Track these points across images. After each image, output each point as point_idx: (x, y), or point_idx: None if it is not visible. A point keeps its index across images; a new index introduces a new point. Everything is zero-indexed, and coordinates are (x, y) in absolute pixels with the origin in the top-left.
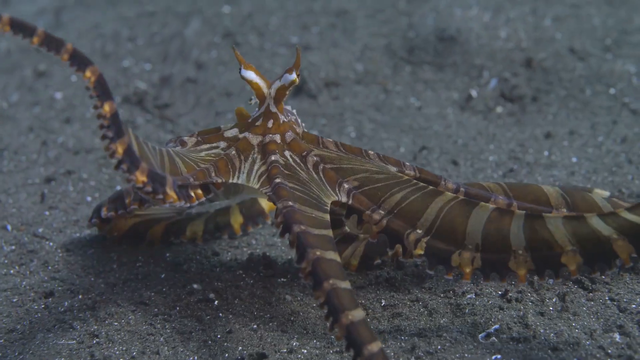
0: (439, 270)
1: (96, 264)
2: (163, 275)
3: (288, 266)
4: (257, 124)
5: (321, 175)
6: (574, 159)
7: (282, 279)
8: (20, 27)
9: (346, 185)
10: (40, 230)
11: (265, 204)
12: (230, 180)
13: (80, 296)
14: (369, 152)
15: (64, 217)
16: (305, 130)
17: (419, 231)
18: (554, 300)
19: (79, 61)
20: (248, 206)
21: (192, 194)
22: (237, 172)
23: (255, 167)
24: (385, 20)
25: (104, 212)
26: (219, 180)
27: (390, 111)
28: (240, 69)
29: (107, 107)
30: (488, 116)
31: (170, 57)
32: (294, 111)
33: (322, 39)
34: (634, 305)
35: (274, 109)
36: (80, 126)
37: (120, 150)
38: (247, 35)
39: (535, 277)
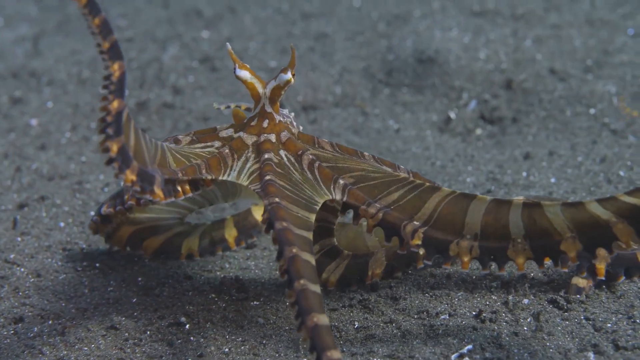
0: (436, 259)
1: (67, 289)
2: (135, 300)
3: (261, 289)
4: (252, 123)
5: (316, 173)
6: (553, 180)
7: (255, 302)
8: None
9: (341, 182)
10: (12, 256)
11: (259, 215)
12: (220, 178)
13: (50, 321)
14: (364, 153)
15: (36, 243)
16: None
17: (416, 223)
18: (528, 320)
19: (114, 52)
20: (242, 218)
21: (179, 189)
22: (228, 170)
23: (248, 165)
24: (364, 43)
25: (103, 209)
26: (209, 177)
27: (369, 134)
28: (234, 69)
29: (115, 104)
30: (467, 138)
31: (147, 82)
32: (292, 115)
33: (301, 62)
34: (609, 325)
35: (269, 109)
36: (55, 152)
37: (115, 148)
38: (225, 60)
39: (510, 297)
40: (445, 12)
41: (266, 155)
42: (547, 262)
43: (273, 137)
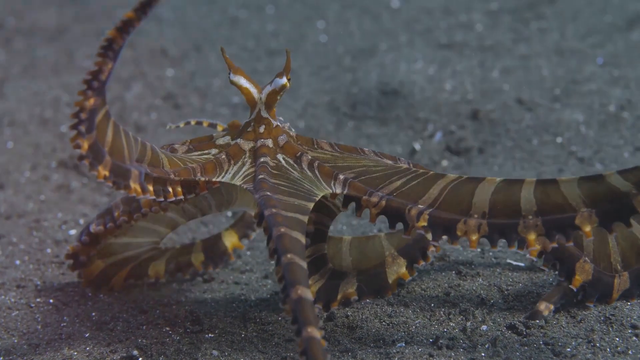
0: (443, 240)
1: (20, 326)
2: (87, 334)
3: (217, 321)
4: (248, 129)
5: (316, 172)
6: None
7: (209, 335)
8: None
9: (342, 176)
10: None
11: (228, 242)
12: (214, 179)
13: (1, 358)
14: (364, 149)
15: None
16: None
17: (421, 206)
18: (486, 346)
19: (112, 52)
20: (211, 243)
21: (170, 190)
22: (223, 173)
23: (244, 169)
24: (329, 77)
25: (92, 227)
26: (203, 179)
27: None
28: (229, 74)
29: (92, 101)
30: (433, 170)
31: None
32: (288, 124)
33: None
34: (568, 349)
35: (265, 114)
36: (14, 191)
37: (86, 146)
38: (189, 97)
39: (469, 323)
40: (412, 45)
41: (262, 159)
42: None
43: (270, 142)
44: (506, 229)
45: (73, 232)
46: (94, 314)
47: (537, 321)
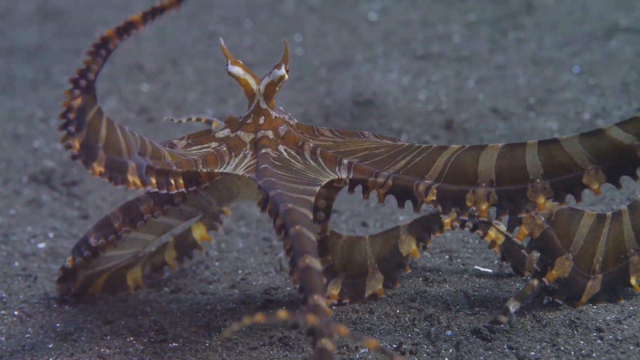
0: (453, 212)
1: None
2: (51, 345)
3: (181, 331)
4: (248, 121)
5: (320, 160)
6: None
7: (173, 344)
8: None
9: (346, 161)
10: None
11: (197, 234)
12: (216, 170)
13: None
14: (364, 132)
15: None
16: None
17: (428, 181)
18: (450, 351)
19: (105, 51)
20: (182, 238)
21: (172, 182)
22: (225, 165)
23: (245, 161)
24: (304, 89)
25: (92, 241)
26: (205, 171)
27: None
28: (227, 65)
29: (79, 101)
30: None
31: None
32: (289, 114)
33: (238, 110)
34: (532, 353)
35: (264, 105)
36: None
37: (77, 145)
38: (163, 110)
39: (433, 329)
40: (388, 56)
41: (263, 150)
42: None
43: (270, 134)
44: (515, 195)
45: (42, 245)
46: (58, 325)
47: (502, 326)
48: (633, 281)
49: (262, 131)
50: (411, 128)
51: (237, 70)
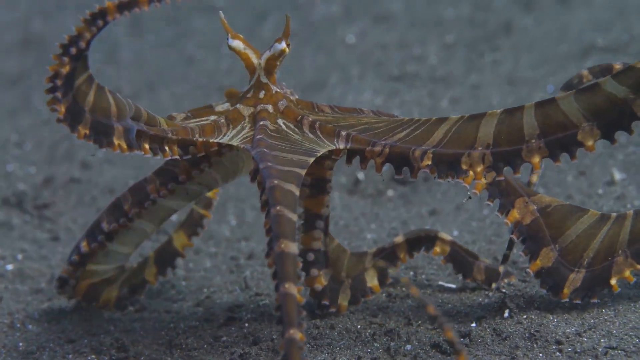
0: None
1: None
2: None
3: (142, 348)
4: (248, 95)
5: (318, 132)
6: (455, 232)
7: None
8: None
9: (344, 133)
10: None
11: (178, 243)
12: (212, 140)
13: None
14: (363, 109)
15: None
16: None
17: (425, 147)
18: None
19: (101, 22)
20: (162, 251)
21: (167, 149)
22: (222, 136)
23: (243, 133)
24: None
25: (105, 226)
26: (201, 140)
27: None
28: (227, 39)
29: (67, 68)
30: (378, 200)
31: (56, 159)
32: (291, 90)
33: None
34: None
35: (264, 79)
36: None
37: (63, 109)
38: None
39: (392, 344)
40: (362, 78)
41: (261, 122)
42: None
43: (270, 108)
44: (510, 156)
45: (10, 267)
46: (21, 344)
47: (462, 339)
48: (613, 281)
49: (262, 105)
50: None
51: (238, 44)
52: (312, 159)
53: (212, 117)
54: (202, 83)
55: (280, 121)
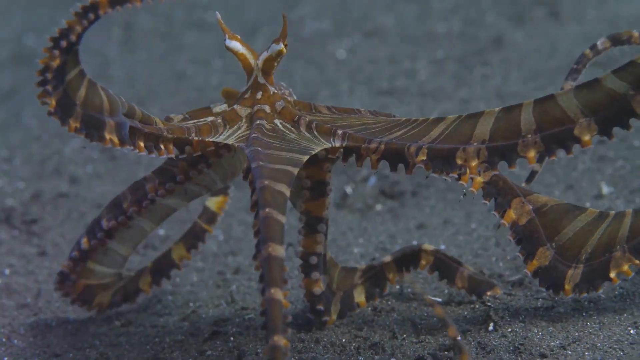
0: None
1: None
2: None
3: None
4: (245, 96)
5: (315, 132)
6: (442, 246)
7: None
8: None
9: (340, 131)
10: None
11: (176, 255)
12: (208, 139)
13: None
14: (360, 109)
15: None
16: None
17: (420, 143)
18: None
19: (93, 15)
20: (159, 261)
21: (162, 147)
22: (218, 135)
23: (239, 132)
24: None
25: (104, 223)
26: (197, 139)
27: None
28: (225, 40)
29: (58, 62)
30: (367, 214)
31: (45, 174)
32: (290, 90)
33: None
34: None
35: (262, 80)
36: None
37: (53, 102)
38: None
39: (377, 356)
40: (352, 92)
41: (258, 122)
42: None
43: (267, 108)
44: (505, 150)
45: None
46: (6, 358)
47: (447, 352)
48: (613, 274)
49: (259, 105)
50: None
51: (235, 44)
52: (306, 157)
53: (210, 118)
54: (192, 98)
55: (277, 121)
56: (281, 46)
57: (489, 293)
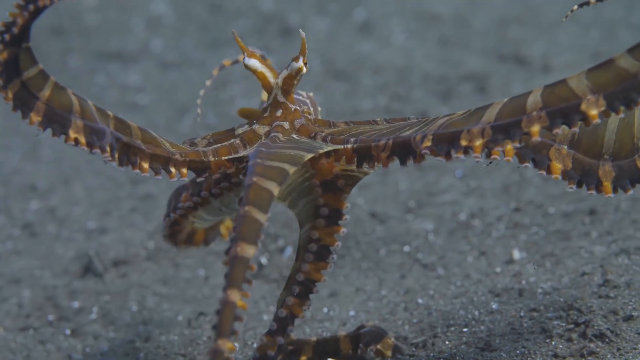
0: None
1: None
2: None
3: None
4: (265, 115)
5: (329, 144)
6: (352, 313)
7: None
8: None
9: (352, 139)
10: None
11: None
12: (225, 158)
13: None
14: (377, 120)
15: None
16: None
17: (426, 132)
18: None
19: (33, 7)
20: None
21: (172, 170)
22: (236, 154)
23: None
24: None
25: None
26: (213, 160)
27: (177, 284)
28: (243, 58)
29: (5, 55)
30: (282, 284)
31: None
32: (310, 97)
33: (121, 222)
34: None
35: (282, 99)
36: None
37: (9, 95)
38: (46, 226)
39: None
40: None
41: (273, 134)
42: None
43: (286, 124)
44: (509, 127)
45: None
46: None
47: None
48: None
49: (278, 121)
50: (288, 233)
51: (254, 62)
52: (309, 155)
53: (230, 141)
54: (116, 175)
55: (294, 135)
56: (301, 64)
57: None
